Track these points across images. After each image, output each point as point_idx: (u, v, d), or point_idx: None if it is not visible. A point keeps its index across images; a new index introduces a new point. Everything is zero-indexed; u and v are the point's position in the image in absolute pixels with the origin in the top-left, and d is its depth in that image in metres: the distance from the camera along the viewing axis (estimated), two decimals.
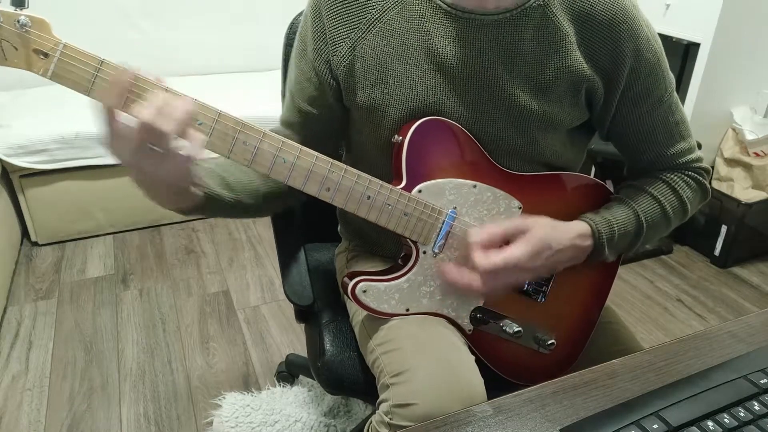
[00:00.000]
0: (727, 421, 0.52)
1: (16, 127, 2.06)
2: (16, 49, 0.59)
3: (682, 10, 2.11)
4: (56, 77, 0.61)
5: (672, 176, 0.86)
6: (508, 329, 0.82)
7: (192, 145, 0.62)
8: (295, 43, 0.87)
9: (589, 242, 0.80)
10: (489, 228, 0.75)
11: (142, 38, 2.61)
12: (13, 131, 2.03)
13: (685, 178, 0.86)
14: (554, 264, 0.78)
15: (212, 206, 0.76)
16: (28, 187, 2.10)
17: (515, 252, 0.73)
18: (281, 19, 2.60)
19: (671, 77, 0.84)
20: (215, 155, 0.69)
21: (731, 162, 2.23)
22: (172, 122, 0.60)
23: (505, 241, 0.75)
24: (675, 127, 0.85)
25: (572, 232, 0.79)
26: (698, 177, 0.87)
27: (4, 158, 2.00)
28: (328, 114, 0.86)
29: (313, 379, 1.54)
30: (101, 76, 0.61)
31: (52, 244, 2.22)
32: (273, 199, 0.85)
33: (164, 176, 0.64)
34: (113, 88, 0.60)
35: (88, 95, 0.61)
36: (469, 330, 0.84)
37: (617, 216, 0.82)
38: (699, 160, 0.88)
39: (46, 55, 0.60)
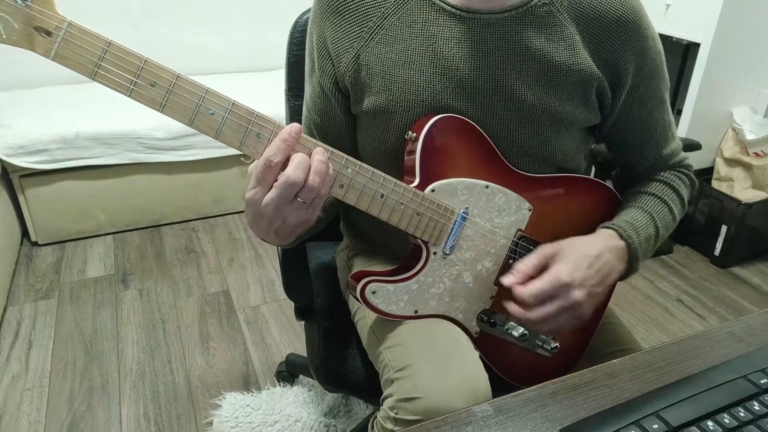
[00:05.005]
0: (727, 421, 0.52)
1: (16, 127, 2.06)
2: (16, 26, 0.54)
3: (682, 10, 2.11)
4: (59, 58, 0.56)
5: (668, 176, 0.88)
6: (513, 332, 0.81)
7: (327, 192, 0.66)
8: (306, 60, 0.87)
9: (621, 243, 0.78)
10: (519, 266, 0.74)
11: (143, 38, 2.60)
12: (13, 131, 2.03)
13: (680, 176, 0.89)
14: (601, 273, 0.75)
15: (305, 232, 0.76)
16: (28, 187, 2.10)
17: (554, 271, 0.72)
18: (282, 19, 2.61)
19: (668, 78, 0.85)
20: None
21: (731, 162, 2.23)
22: (325, 182, 0.65)
23: (539, 272, 0.74)
24: (669, 127, 0.87)
25: (599, 237, 0.78)
26: (689, 173, 0.90)
27: (4, 158, 2.00)
28: (340, 126, 0.86)
29: (314, 378, 1.55)
30: (108, 58, 0.58)
31: (52, 244, 2.22)
32: (330, 208, 0.86)
33: (300, 222, 0.66)
34: (283, 144, 0.62)
35: (93, 78, 0.58)
36: (476, 333, 0.83)
37: (636, 218, 0.82)
38: (686, 157, 0.90)
39: (49, 33, 0.55)
